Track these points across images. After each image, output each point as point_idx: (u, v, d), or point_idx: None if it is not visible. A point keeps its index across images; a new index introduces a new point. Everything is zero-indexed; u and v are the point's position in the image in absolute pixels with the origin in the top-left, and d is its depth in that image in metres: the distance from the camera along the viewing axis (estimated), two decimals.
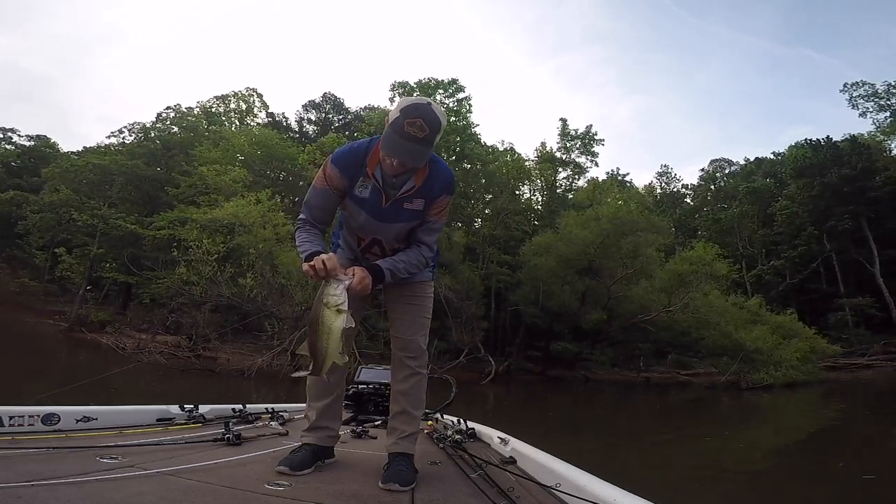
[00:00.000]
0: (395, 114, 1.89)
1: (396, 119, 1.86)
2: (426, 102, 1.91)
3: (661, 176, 59.33)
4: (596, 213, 26.82)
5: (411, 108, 1.87)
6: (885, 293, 32.17)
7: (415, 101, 1.90)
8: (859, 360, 28.88)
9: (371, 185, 2.07)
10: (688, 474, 7.21)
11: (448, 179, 2.13)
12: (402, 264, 2.12)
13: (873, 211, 34.44)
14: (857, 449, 9.45)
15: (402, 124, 1.84)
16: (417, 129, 1.84)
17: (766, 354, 22.58)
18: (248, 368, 17.84)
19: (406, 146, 1.85)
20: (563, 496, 1.81)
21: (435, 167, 2.09)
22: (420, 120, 1.84)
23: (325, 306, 1.78)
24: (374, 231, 2.18)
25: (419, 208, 2.11)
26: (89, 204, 28.59)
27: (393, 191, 2.06)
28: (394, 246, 2.22)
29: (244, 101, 45.26)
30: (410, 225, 2.16)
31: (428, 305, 2.41)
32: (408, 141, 1.85)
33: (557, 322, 27.14)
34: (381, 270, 2.06)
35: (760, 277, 37.96)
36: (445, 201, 2.17)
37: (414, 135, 1.84)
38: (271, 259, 20.19)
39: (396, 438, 2.21)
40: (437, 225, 2.21)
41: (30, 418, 2.28)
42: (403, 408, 2.27)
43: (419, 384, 2.31)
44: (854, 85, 40.17)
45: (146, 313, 25.71)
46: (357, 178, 2.08)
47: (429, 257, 2.25)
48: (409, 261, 2.15)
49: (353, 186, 2.09)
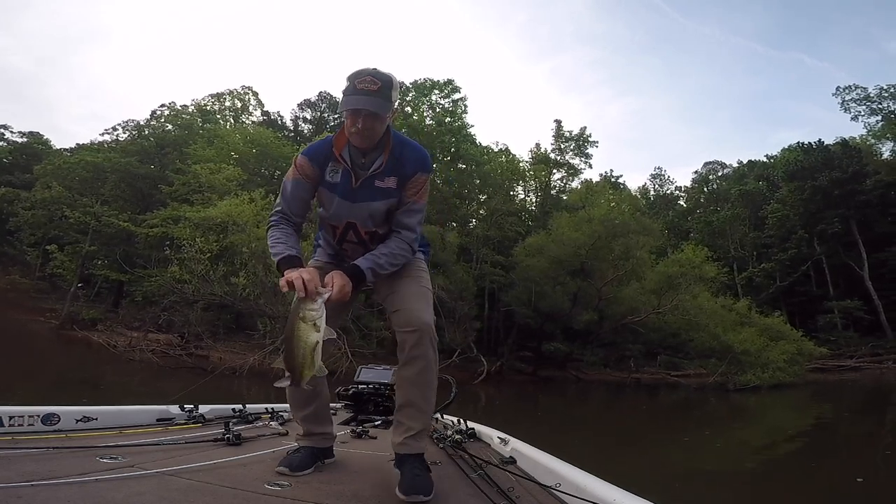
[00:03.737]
0: (344, 86, 1.92)
1: (347, 86, 1.89)
2: (373, 68, 1.92)
3: (655, 178, 59.51)
4: (588, 214, 26.94)
5: (357, 73, 1.90)
6: (873, 296, 32.47)
7: (359, 69, 1.92)
8: (847, 361, 29.14)
9: (342, 169, 2.03)
10: (677, 474, 7.26)
11: (420, 157, 2.07)
12: (384, 258, 2.02)
13: (863, 214, 34.73)
14: (845, 450, 9.55)
15: (353, 84, 1.87)
16: (368, 82, 1.85)
17: (753, 356, 22.77)
18: (241, 367, 17.78)
19: (361, 99, 1.85)
20: (563, 496, 1.82)
21: (404, 145, 2.06)
22: (369, 76, 1.87)
23: (300, 320, 1.71)
24: (348, 215, 2.09)
25: (392, 186, 2.03)
26: (81, 201, 28.33)
27: (363, 171, 2.02)
28: (369, 229, 2.11)
29: (239, 100, 45.00)
30: (386, 205, 2.06)
31: (426, 278, 2.24)
32: (362, 95, 1.85)
33: (549, 322, 27.23)
34: (360, 272, 1.96)
35: (751, 280, 38.21)
36: (422, 180, 2.07)
37: (367, 88, 1.85)
38: (264, 258, 20.07)
39: (403, 437, 1.98)
40: (417, 206, 2.09)
41: (30, 418, 2.27)
42: (409, 398, 2.02)
43: (427, 369, 2.00)
44: (846, 88, 40.63)
45: (138, 311, 25.54)
46: (327, 164, 2.05)
47: (412, 241, 2.11)
48: (392, 251, 2.05)
49: (325, 173, 2.06)
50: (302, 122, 47.38)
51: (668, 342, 26.90)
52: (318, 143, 2.13)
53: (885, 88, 38.63)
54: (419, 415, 2.02)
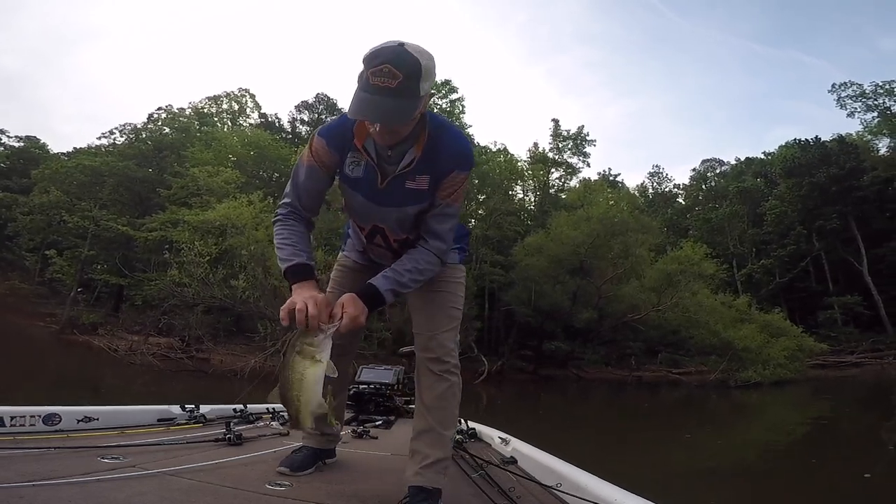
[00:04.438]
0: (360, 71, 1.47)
1: (361, 73, 1.45)
2: (395, 44, 1.45)
3: (653, 176, 59.63)
4: (586, 213, 26.99)
5: (372, 56, 1.43)
6: (873, 291, 32.50)
7: (377, 47, 1.46)
8: (848, 357, 29.14)
9: (364, 162, 1.69)
10: (679, 472, 7.27)
11: (460, 151, 1.69)
12: (408, 275, 1.71)
13: (860, 210, 34.76)
14: (848, 446, 9.55)
15: (367, 76, 1.42)
16: (386, 76, 1.40)
17: (753, 353, 22.84)
18: (241, 369, 17.79)
19: (374, 102, 1.42)
20: (564, 496, 1.83)
21: (442, 135, 1.67)
22: (386, 65, 1.40)
23: (297, 354, 1.48)
24: (374, 217, 1.81)
25: (424, 187, 1.69)
26: (80, 205, 28.30)
27: (391, 166, 1.67)
28: (399, 236, 1.84)
29: (236, 102, 45.03)
30: (417, 209, 1.74)
31: (457, 294, 1.97)
32: (376, 94, 1.41)
33: (549, 321, 27.25)
34: (378, 296, 1.66)
35: (750, 276, 38.23)
36: (459, 179, 1.71)
37: (383, 85, 1.40)
38: (263, 260, 20.11)
39: (419, 467, 1.74)
40: (451, 209, 1.76)
41: (31, 418, 2.27)
42: (429, 425, 1.80)
43: (448, 394, 1.82)
44: (842, 85, 40.56)
45: (138, 315, 25.52)
46: (347, 153, 1.71)
47: (442, 252, 1.79)
48: (417, 266, 1.73)
49: (345, 163, 1.72)
50: (299, 124, 47.35)
51: (669, 339, 26.95)
52: (338, 122, 1.72)
53: (881, 85, 38.65)
54: (439, 442, 1.79)
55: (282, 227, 1.76)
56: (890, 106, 38.41)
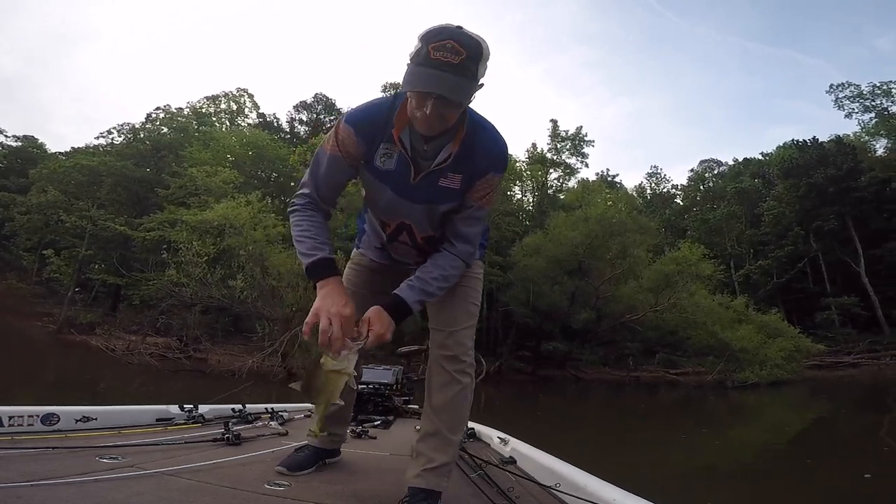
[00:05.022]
0: (415, 48, 1.41)
1: (418, 50, 1.38)
2: (454, 25, 1.41)
3: (651, 176, 59.75)
4: (584, 214, 27.00)
5: (434, 32, 1.39)
6: (870, 292, 32.57)
7: (437, 25, 1.42)
8: (845, 358, 29.19)
9: (397, 154, 1.59)
10: (677, 473, 7.27)
11: (497, 152, 1.62)
12: (435, 284, 1.64)
13: (858, 211, 34.82)
14: (846, 446, 9.56)
15: (427, 51, 1.35)
16: (450, 51, 1.34)
17: (751, 353, 22.89)
18: (239, 369, 17.77)
19: (437, 76, 1.34)
20: (563, 496, 1.83)
21: (480, 133, 1.59)
22: (450, 41, 1.35)
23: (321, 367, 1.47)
24: (402, 213, 1.71)
25: (457, 186, 1.61)
26: (78, 205, 28.28)
27: (425, 161, 1.58)
28: (427, 233, 1.76)
29: (235, 102, 45.02)
30: (448, 206, 1.67)
31: (476, 289, 1.92)
32: (438, 69, 1.34)
33: (547, 322, 27.28)
34: (406, 308, 1.59)
35: (748, 277, 38.31)
36: (493, 181, 1.64)
37: (446, 60, 1.34)
38: (262, 260, 20.11)
39: (421, 469, 1.69)
40: (481, 212, 1.70)
41: (29, 418, 2.26)
42: (436, 428, 1.73)
43: (460, 396, 1.74)
44: (840, 86, 40.74)
45: (136, 315, 25.52)
46: (378, 144, 1.59)
47: (469, 256, 1.74)
48: (444, 273, 1.66)
49: (375, 155, 1.60)
50: (298, 123, 47.41)
51: (667, 340, 27.03)
52: (370, 109, 1.61)
53: (878, 85, 38.85)
54: (444, 446, 1.72)
55: (301, 218, 1.64)
56: (887, 107, 38.61)
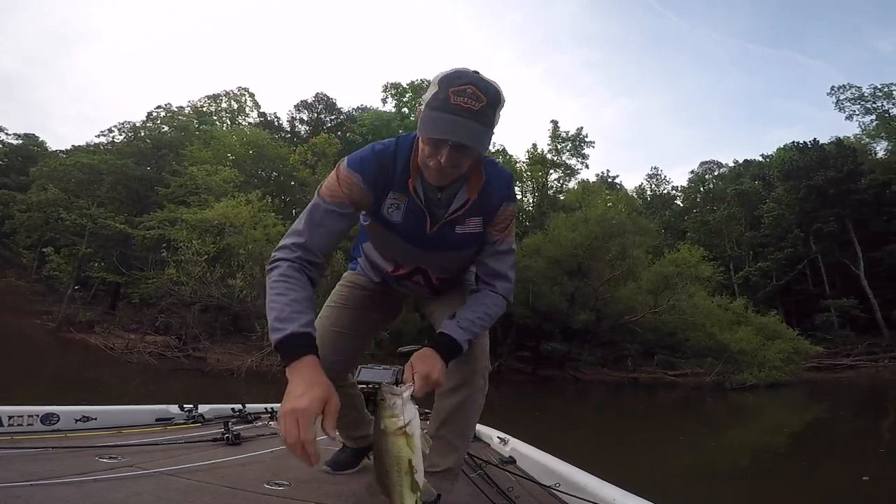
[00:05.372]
0: (431, 91, 1.34)
1: (435, 94, 1.31)
2: (471, 70, 1.37)
3: (651, 178, 59.77)
4: (584, 215, 27.02)
5: (454, 76, 1.32)
6: (869, 295, 32.63)
7: (455, 69, 1.36)
8: (843, 360, 29.27)
9: (406, 204, 1.50)
10: (675, 474, 7.28)
11: (506, 183, 1.58)
12: (480, 322, 1.56)
13: (858, 213, 34.89)
14: (845, 448, 9.57)
15: (448, 96, 1.28)
16: (470, 97, 1.28)
17: (749, 355, 22.89)
18: (238, 368, 17.77)
19: (459, 122, 1.28)
20: (563, 496, 1.84)
21: (492, 170, 1.54)
22: (471, 86, 1.29)
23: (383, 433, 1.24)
24: (417, 261, 1.65)
25: (477, 230, 1.56)
26: (78, 203, 28.24)
27: (440, 210, 1.51)
28: (443, 276, 1.72)
29: (236, 101, 44.96)
30: (469, 252, 1.64)
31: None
32: (458, 115, 1.27)
33: (547, 322, 27.28)
34: (457, 347, 1.49)
35: (747, 279, 38.35)
36: (509, 212, 1.59)
37: (467, 106, 1.28)
38: (261, 259, 20.08)
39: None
40: (506, 245, 1.63)
41: (29, 418, 2.27)
42: (443, 431, 1.67)
43: (469, 402, 1.67)
44: (841, 88, 40.75)
45: (135, 313, 25.49)
46: (387, 193, 1.51)
47: (509, 293, 1.66)
48: (489, 312, 1.59)
49: (382, 204, 1.52)
50: (298, 123, 47.36)
51: (665, 341, 27.04)
52: (373, 153, 1.50)
53: (879, 88, 38.84)
54: (450, 452, 1.67)
55: (279, 278, 1.36)
56: (888, 109, 38.61)
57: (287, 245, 1.42)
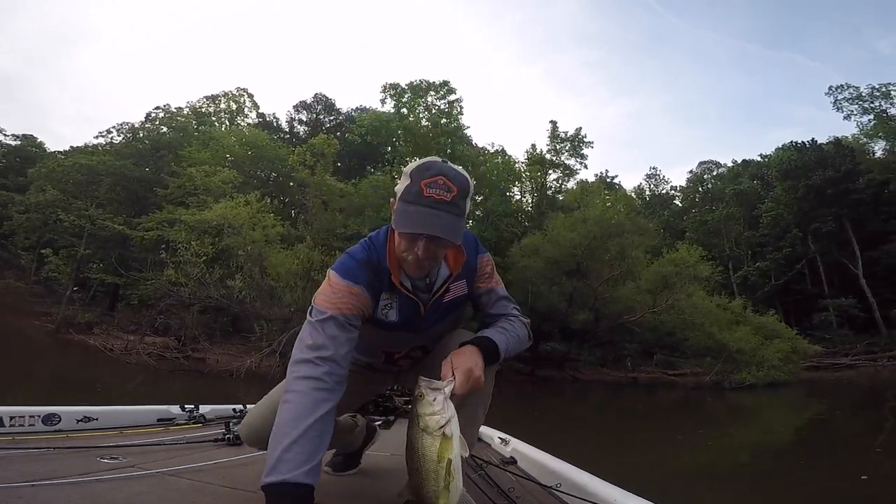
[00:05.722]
0: (403, 184, 1.37)
1: (408, 187, 1.34)
2: (439, 160, 1.39)
3: (650, 178, 59.76)
4: (583, 215, 27.04)
5: (423, 168, 1.35)
6: (867, 294, 32.69)
7: (425, 161, 1.39)
8: (842, 360, 29.30)
9: (398, 301, 1.51)
10: (677, 473, 7.28)
11: (473, 241, 1.62)
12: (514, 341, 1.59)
13: (856, 213, 34.98)
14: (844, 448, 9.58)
15: (420, 189, 1.31)
16: (441, 188, 1.31)
17: (748, 355, 22.94)
18: (237, 369, 17.75)
19: (432, 216, 1.29)
20: (564, 496, 1.84)
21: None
22: (441, 177, 1.32)
23: (422, 432, 1.20)
24: (414, 342, 1.67)
25: (464, 292, 1.60)
26: (76, 204, 28.21)
27: (426, 294, 1.53)
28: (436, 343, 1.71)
29: (234, 102, 44.88)
30: (459, 311, 1.67)
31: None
32: (433, 208, 1.30)
33: (546, 322, 27.27)
34: (496, 350, 1.49)
35: (746, 279, 38.38)
36: (486, 261, 1.64)
37: (438, 198, 1.30)
38: (260, 260, 20.10)
39: None
40: (500, 291, 1.67)
41: (30, 418, 2.28)
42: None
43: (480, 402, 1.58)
44: (839, 88, 40.69)
45: (134, 315, 25.45)
46: (379, 296, 1.50)
47: (528, 324, 1.71)
48: (518, 335, 1.63)
49: (376, 309, 1.51)
50: (297, 123, 47.44)
51: (664, 341, 27.08)
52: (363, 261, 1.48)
53: (877, 88, 38.82)
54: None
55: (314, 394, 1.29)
56: (886, 109, 38.61)
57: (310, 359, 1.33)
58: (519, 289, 27.68)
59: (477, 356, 1.40)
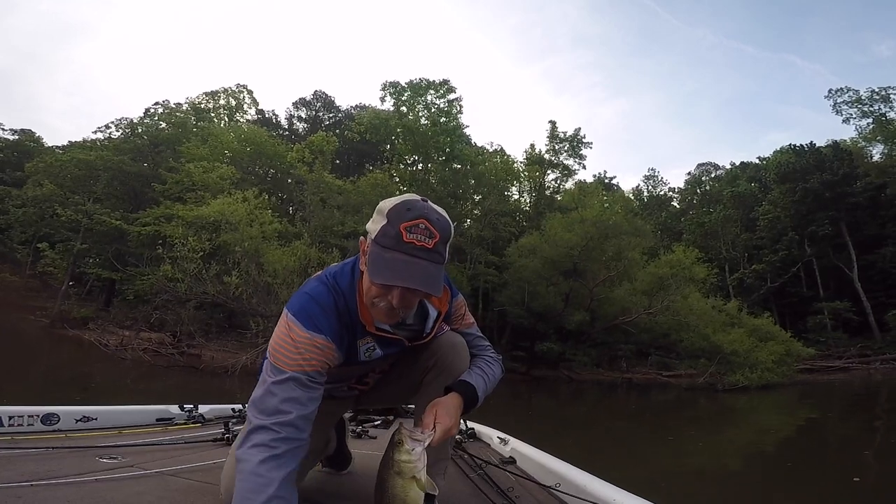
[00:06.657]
0: (378, 224, 1.24)
1: (384, 229, 1.21)
2: (420, 199, 1.26)
3: (649, 179, 59.89)
4: (580, 216, 27.08)
5: (403, 209, 1.22)
6: (862, 298, 32.80)
7: (404, 199, 1.25)
8: (836, 362, 29.41)
9: (380, 341, 1.43)
10: (672, 474, 7.30)
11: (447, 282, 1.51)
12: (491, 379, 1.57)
13: (853, 216, 35.08)
14: (837, 450, 9.63)
15: (399, 233, 1.18)
16: (423, 234, 1.19)
17: (742, 357, 22.99)
18: (233, 366, 17.71)
19: (412, 265, 1.18)
20: (563, 496, 1.85)
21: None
22: (423, 221, 1.20)
23: (396, 475, 1.21)
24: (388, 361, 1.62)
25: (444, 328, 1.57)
26: (73, 199, 28.10)
27: (413, 329, 1.49)
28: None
29: (234, 98, 44.71)
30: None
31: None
32: (413, 255, 1.18)
33: (542, 322, 27.34)
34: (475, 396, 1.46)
35: (742, 281, 38.45)
36: (459, 303, 1.59)
37: (420, 244, 1.18)
38: (257, 257, 20.04)
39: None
40: (475, 330, 1.65)
41: (29, 418, 2.28)
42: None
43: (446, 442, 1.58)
44: (838, 91, 40.75)
45: (130, 310, 25.38)
46: (354, 343, 1.39)
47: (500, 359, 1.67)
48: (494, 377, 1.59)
49: (357, 352, 1.41)
50: (297, 120, 47.37)
51: (659, 342, 27.12)
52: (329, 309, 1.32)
53: (876, 91, 38.88)
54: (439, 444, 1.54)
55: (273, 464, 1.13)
56: (885, 112, 38.67)
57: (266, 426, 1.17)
58: (516, 288, 27.77)
59: (457, 412, 1.36)
